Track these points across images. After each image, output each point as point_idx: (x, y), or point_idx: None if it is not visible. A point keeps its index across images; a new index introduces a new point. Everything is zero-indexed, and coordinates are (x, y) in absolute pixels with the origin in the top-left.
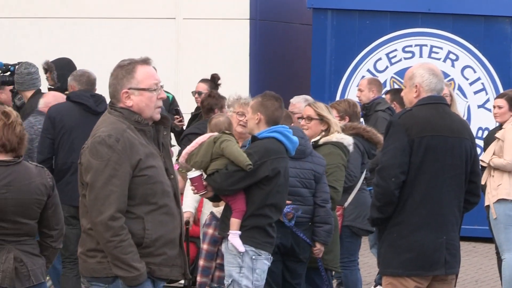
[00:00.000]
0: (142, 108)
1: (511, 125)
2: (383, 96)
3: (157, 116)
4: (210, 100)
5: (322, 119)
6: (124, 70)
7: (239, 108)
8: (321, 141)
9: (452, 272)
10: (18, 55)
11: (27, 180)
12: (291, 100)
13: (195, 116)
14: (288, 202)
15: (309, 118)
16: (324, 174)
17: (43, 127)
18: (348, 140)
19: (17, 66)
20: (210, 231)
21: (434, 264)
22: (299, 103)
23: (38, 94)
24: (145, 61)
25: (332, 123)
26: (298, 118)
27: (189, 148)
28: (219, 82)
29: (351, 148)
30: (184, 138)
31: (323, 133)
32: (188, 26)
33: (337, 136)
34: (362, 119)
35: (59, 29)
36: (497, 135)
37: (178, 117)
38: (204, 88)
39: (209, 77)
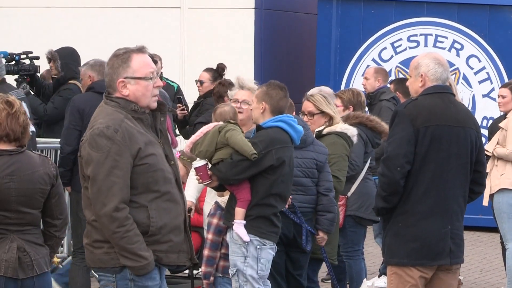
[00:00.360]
0: (139, 97)
1: None
2: (388, 85)
3: (154, 105)
4: (220, 88)
5: (323, 111)
6: (120, 59)
7: (235, 96)
8: (325, 131)
9: (456, 262)
10: (22, 44)
11: (30, 170)
12: (307, 93)
13: (197, 105)
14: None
15: (311, 114)
16: (326, 163)
17: (70, 118)
18: (352, 131)
19: None
20: (215, 221)
21: (439, 254)
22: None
23: (2, 84)
24: (141, 50)
25: (332, 115)
26: (298, 113)
27: (193, 138)
28: (224, 72)
29: (355, 139)
30: (194, 128)
31: (327, 123)
32: (193, 16)
33: (341, 126)
34: (367, 108)
35: (63, 19)
36: (500, 124)
37: (180, 105)
38: (206, 77)
39: (214, 67)
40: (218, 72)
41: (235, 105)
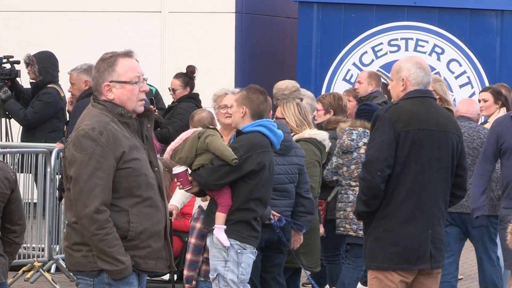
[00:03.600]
0: (124, 101)
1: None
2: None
3: (140, 109)
4: None
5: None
6: (106, 63)
7: (222, 102)
8: (293, 139)
9: (437, 266)
10: (3, 48)
11: None
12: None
13: (170, 109)
14: (276, 214)
15: (278, 119)
16: (304, 165)
17: None
18: (321, 135)
19: None
20: (198, 225)
21: (420, 258)
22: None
23: None
24: (127, 54)
25: (293, 126)
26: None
27: (173, 144)
28: (194, 75)
29: (326, 143)
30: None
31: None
32: (174, 20)
33: (309, 132)
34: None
35: (43, 22)
36: None
37: (152, 106)
38: (177, 84)
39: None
40: (188, 75)
41: (223, 111)
